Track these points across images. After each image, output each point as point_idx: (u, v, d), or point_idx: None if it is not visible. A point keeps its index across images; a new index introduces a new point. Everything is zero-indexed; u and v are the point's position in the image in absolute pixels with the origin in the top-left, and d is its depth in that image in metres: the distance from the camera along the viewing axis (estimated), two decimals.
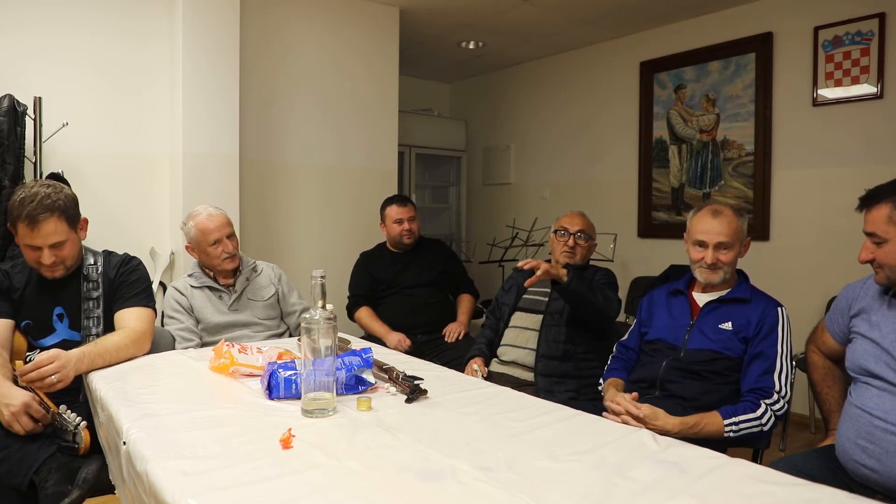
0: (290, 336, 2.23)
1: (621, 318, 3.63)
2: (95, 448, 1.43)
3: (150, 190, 2.79)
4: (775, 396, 1.51)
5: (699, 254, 1.66)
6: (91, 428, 1.46)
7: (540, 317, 2.10)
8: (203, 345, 2.05)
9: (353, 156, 3.42)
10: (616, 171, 4.04)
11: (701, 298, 1.70)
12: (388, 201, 2.85)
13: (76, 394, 1.59)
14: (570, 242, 2.15)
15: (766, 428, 1.48)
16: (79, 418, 1.45)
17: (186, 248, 2.16)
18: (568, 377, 2.00)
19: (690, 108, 3.63)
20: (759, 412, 1.49)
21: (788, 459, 1.40)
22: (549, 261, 2.18)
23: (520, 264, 1.93)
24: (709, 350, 1.60)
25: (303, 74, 3.22)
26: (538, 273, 1.85)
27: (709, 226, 1.65)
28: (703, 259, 1.65)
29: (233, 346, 1.54)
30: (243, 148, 2.97)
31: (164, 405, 1.27)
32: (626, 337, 1.88)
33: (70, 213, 1.63)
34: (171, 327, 2.06)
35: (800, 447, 2.80)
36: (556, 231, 2.21)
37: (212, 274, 2.17)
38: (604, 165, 4.11)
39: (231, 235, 2.14)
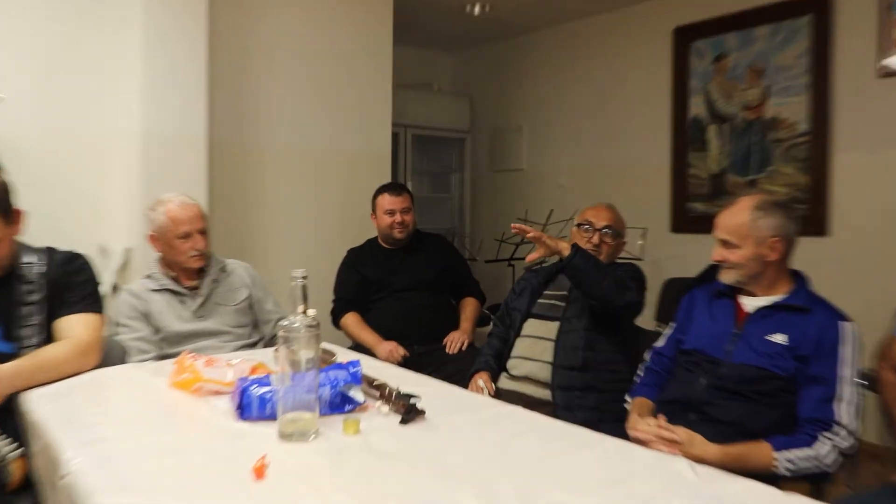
0: (266, 347, 2.22)
1: (652, 325, 3.62)
2: (30, 483, 1.41)
3: (102, 177, 2.78)
4: (839, 430, 1.47)
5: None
6: (26, 458, 1.44)
7: (557, 324, 2.10)
8: (162, 357, 2.04)
9: (340, 137, 3.41)
10: (645, 155, 4.03)
11: (749, 303, 1.69)
12: (381, 189, 2.85)
13: (9, 416, 1.57)
14: (595, 239, 2.15)
15: (829, 468, 1.45)
16: (10, 446, 1.43)
17: (149, 237, 2.16)
18: (590, 389, 2.00)
19: (733, 81, 3.62)
20: (819, 449, 1.45)
21: (857, 498, 1.38)
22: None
23: (529, 257, 1.93)
24: (755, 366, 1.58)
25: (282, 42, 3.22)
26: (530, 234, 1.88)
27: (718, 219, 1.70)
28: (716, 256, 1.70)
29: (198, 358, 1.54)
30: (213, 128, 2.96)
31: (115, 429, 1.26)
32: (661, 343, 1.87)
33: (1, 204, 1.61)
34: (125, 337, 2.06)
35: (869, 482, 2.77)
36: (579, 224, 2.21)
37: (173, 274, 2.17)
38: (631, 149, 4.10)
39: (204, 232, 2.15)
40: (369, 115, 3.49)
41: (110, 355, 1.88)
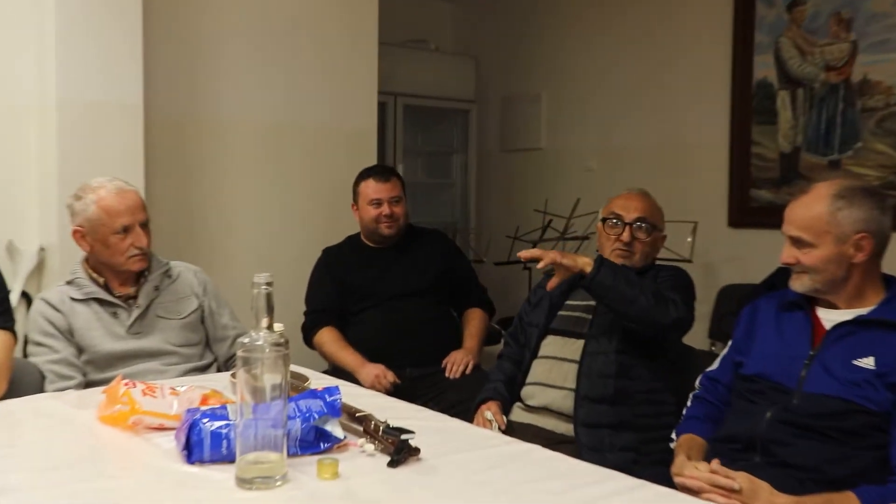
0: (220, 371, 2.23)
1: (704, 344, 3.63)
2: None
3: (6, 157, 2.79)
4: None
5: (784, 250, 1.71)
6: None
7: (583, 343, 2.11)
8: (88, 384, 2.05)
9: (312, 108, 3.42)
10: (697, 130, 4.03)
11: (828, 317, 1.70)
12: (364, 174, 2.86)
13: None
14: (626, 236, 2.16)
15: None
16: None
17: (75, 233, 2.16)
18: (624, 428, 2.00)
19: (811, 35, 3.62)
20: None
21: None
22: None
23: (549, 285, 1.95)
24: (837, 397, 1.59)
25: None
26: (543, 262, 1.91)
27: (788, 211, 1.70)
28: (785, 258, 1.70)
29: (134, 385, 1.54)
30: (151, 96, 2.96)
31: (27, 475, 1.26)
32: (715, 366, 1.88)
33: None
34: (39, 359, 2.06)
35: None
36: (604, 219, 2.21)
37: (103, 280, 2.17)
38: (678, 122, 4.10)
39: (145, 225, 2.16)
40: (349, 80, 3.49)
41: (22, 382, 1.89)
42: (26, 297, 2.72)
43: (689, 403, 1.89)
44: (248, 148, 3.29)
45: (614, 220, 2.19)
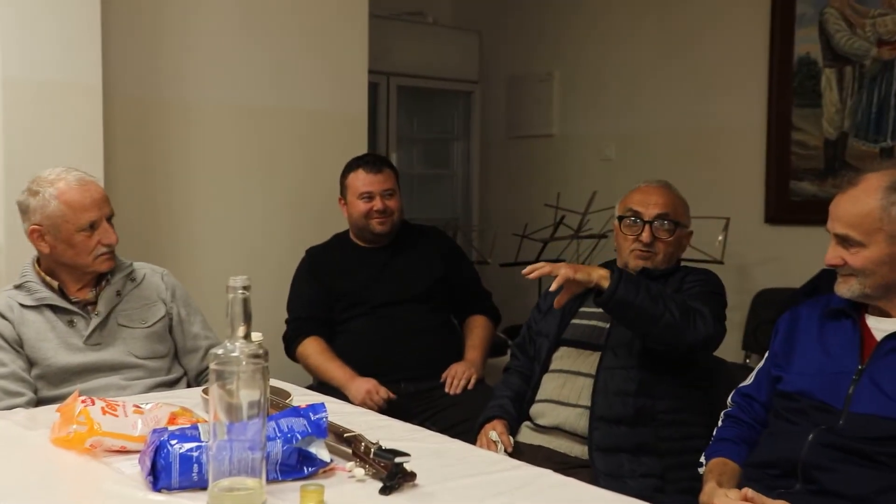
0: (191, 386, 2.23)
1: (738, 356, 3.63)
2: None
3: None
4: None
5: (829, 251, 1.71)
6: None
7: (598, 355, 2.11)
8: (40, 402, 2.05)
9: (293, 89, 3.41)
10: (729, 113, 4.03)
11: (880, 327, 1.70)
12: (352, 164, 2.86)
13: None
14: (646, 236, 2.15)
15: None
16: None
17: (32, 233, 2.15)
18: (645, 452, 2.00)
19: (862, 4, 3.62)
20: None
21: None
22: (610, 264, 2.17)
23: (557, 303, 1.95)
24: (889, 418, 1.59)
25: None
26: (557, 281, 1.90)
27: (833, 206, 1.69)
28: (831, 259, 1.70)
29: (92, 403, 1.54)
30: (111, 75, 2.96)
31: None
32: (749, 381, 1.88)
33: None
34: None
35: None
36: (621, 217, 2.21)
37: (58, 284, 2.17)
38: (708, 105, 4.10)
39: (111, 219, 2.16)
40: (336, 57, 3.49)
41: None
42: None
43: (720, 423, 1.89)
44: (221, 135, 3.29)
45: (632, 218, 2.18)
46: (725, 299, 2.15)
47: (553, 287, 1.94)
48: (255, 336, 1.24)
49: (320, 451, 1.39)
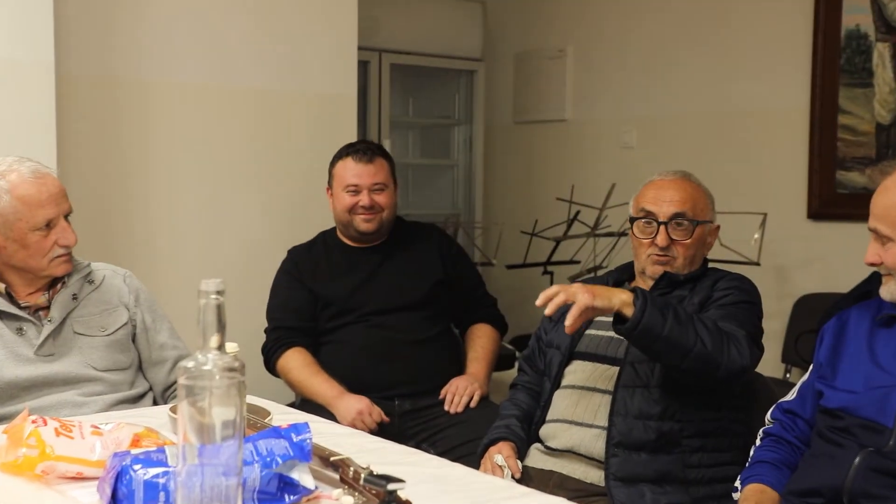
0: (157, 403, 2.23)
1: (777, 370, 3.63)
2: None
3: None
4: None
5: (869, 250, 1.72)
6: None
7: (616, 370, 2.11)
8: None
9: (272, 67, 3.41)
10: (767, 95, 4.03)
11: None
12: (342, 152, 2.86)
13: None
14: (661, 240, 2.15)
15: None
16: None
17: None
18: (669, 481, 2.00)
19: None
20: None
21: None
22: (625, 278, 2.18)
23: (568, 328, 1.88)
24: None
25: None
26: (575, 310, 1.83)
27: (874, 201, 1.71)
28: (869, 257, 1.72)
29: (44, 423, 1.53)
30: (64, 52, 2.96)
31: None
32: (791, 396, 1.88)
33: None
34: None
35: None
36: (633, 218, 2.21)
37: (4, 287, 2.16)
38: (744, 88, 4.10)
39: (69, 216, 2.16)
40: (321, 33, 3.49)
41: None
42: None
43: (758, 442, 1.89)
44: (191, 120, 3.29)
45: (646, 219, 2.18)
46: (761, 309, 2.14)
47: (568, 321, 1.87)
48: (231, 347, 1.23)
49: (303, 476, 1.38)
